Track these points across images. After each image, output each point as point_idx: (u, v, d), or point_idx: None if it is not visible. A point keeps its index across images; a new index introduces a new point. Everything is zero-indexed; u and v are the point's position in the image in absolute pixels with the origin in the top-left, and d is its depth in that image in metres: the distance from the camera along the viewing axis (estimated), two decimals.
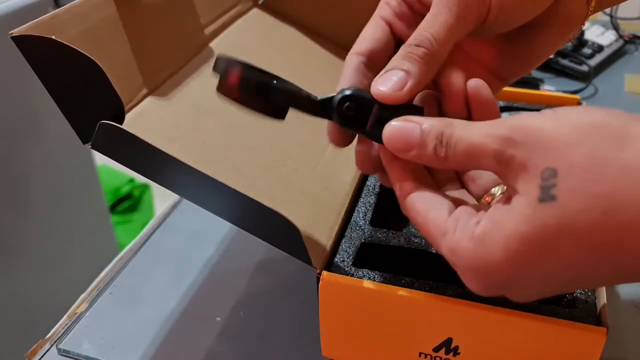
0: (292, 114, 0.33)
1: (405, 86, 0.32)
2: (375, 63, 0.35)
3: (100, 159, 1.19)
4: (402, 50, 0.33)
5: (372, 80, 0.33)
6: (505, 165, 0.27)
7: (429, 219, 0.30)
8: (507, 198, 0.28)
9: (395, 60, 0.33)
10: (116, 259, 0.54)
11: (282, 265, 0.51)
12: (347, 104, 0.32)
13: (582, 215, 0.24)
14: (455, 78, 0.34)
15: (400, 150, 0.31)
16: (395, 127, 0.31)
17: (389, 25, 0.36)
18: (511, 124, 0.27)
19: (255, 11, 0.57)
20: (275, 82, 0.32)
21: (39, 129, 0.92)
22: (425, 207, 0.31)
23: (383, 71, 0.33)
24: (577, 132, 0.25)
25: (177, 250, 0.55)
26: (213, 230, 0.56)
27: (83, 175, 1.05)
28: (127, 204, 1.51)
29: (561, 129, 0.26)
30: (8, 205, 0.88)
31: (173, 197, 0.62)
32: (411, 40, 0.33)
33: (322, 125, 0.35)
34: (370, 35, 0.36)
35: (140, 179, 1.56)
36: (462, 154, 0.29)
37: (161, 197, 1.57)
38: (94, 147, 0.36)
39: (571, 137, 0.25)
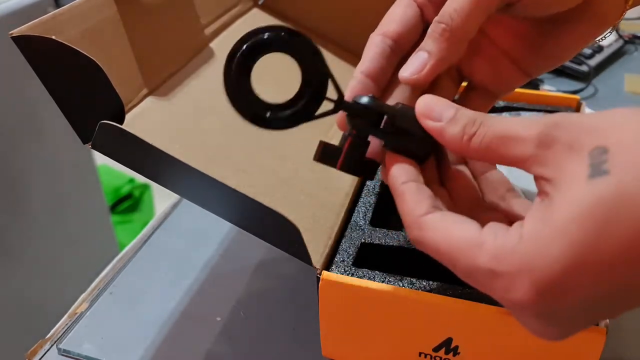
0: None
1: (425, 67, 0.31)
2: (400, 46, 0.34)
3: (100, 159, 1.19)
4: (428, 30, 0.32)
5: (394, 66, 0.32)
6: (546, 147, 0.25)
7: (454, 235, 0.27)
8: (544, 194, 0.26)
9: (422, 43, 0.32)
10: (116, 259, 0.54)
11: (282, 266, 0.51)
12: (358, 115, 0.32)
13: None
14: (479, 70, 0.33)
15: (429, 117, 0.29)
16: (432, 97, 0.30)
17: (420, 8, 0.34)
18: (550, 116, 0.26)
19: (255, 11, 0.57)
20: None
21: (39, 129, 0.92)
22: (448, 224, 0.28)
23: (412, 56, 0.32)
24: (621, 114, 0.24)
25: (177, 250, 0.55)
26: (213, 230, 0.56)
27: (83, 175, 1.05)
28: (127, 204, 1.51)
29: (604, 114, 0.25)
30: (8, 206, 0.88)
31: (173, 197, 0.62)
32: (435, 18, 0.31)
33: (322, 126, 0.35)
34: (400, 17, 0.34)
35: (140, 179, 1.56)
36: (493, 138, 0.27)
37: (161, 197, 1.57)
38: (94, 147, 0.36)
39: (616, 119, 0.24)
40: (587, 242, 0.23)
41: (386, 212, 0.45)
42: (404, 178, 0.30)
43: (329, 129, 0.48)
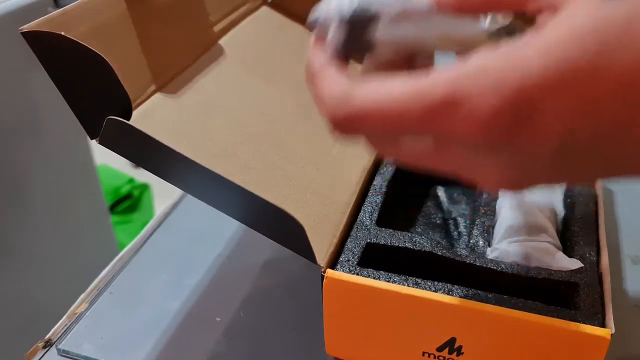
0: (300, 111, 0.33)
1: None
2: None
3: (100, 159, 1.19)
4: None
5: None
6: None
7: (395, 84, 0.22)
8: (540, 25, 0.21)
9: None
10: (116, 259, 0.54)
11: (282, 266, 0.51)
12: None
13: None
14: None
15: None
16: None
17: None
18: None
19: (264, 9, 0.57)
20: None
21: (39, 129, 0.92)
22: (384, 82, 0.23)
23: None
24: None
25: (177, 250, 0.55)
26: (213, 231, 0.56)
27: (83, 175, 1.04)
28: (127, 204, 1.51)
29: None
30: (8, 205, 0.88)
31: (173, 197, 0.61)
32: None
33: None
34: None
35: (140, 178, 1.56)
36: None
37: (161, 197, 1.57)
38: (101, 143, 0.36)
39: None
40: (583, 64, 0.19)
41: (392, 212, 0.44)
42: (322, 60, 0.26)
43: None
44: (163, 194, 1.42)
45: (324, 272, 0.36)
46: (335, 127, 0.24)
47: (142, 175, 1.56)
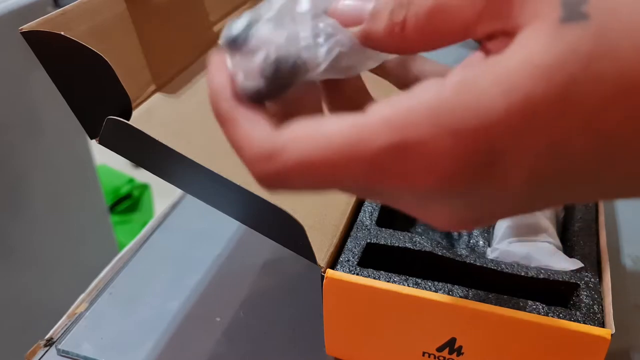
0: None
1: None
2: None
3: (100, 159, 1.19)
4: None
5: None
6: None
7: (327, 130, 0.19)
8: (487, 53, 0.19)
9: None
10: (116, 259, 0.54)
11: (282, 266, 0.51)
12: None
13: (628, 38, 0.16)
14: None
15: (349, 22, 0.22)
16: (347, 4, 0.22)
17: None
18: None
19: None
20: None
21: (39, 129, 0.92)
22: (313, 125, 0.19)
23: None
24: None
25: (177, 250, 0.55)
26: (212, 231, 0.56)
27: (83, 175, 1.04)
28: (127, 204, 1.51)
29: None
30: (8, 206, 0.88)
31: (173, 197, 0.61)
32: None
33: None
34: None
35: (140, 179, 1.56)
36: (428, 11, 0.20)
37: (160, 198, 1.57)
38: (101, 143, 0.36)
39: None
40: (550, 102, 0.17)
41: (392, 212, 0.44)
42: (232, 102, 0.22)
43: None
44: (163, 194, 1.42)
45: (324, 272, 0.36)
46: (260, 183, 0.21)
47: (142, 175, 1.56)
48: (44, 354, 0.45)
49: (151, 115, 0.39)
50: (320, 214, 0.40)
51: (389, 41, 0.21)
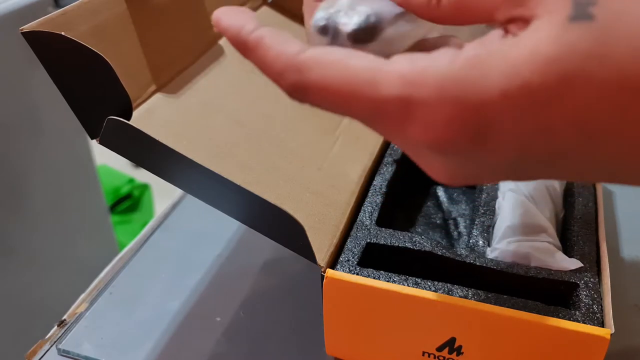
0: (300, 111, 0.33)
1: None
2: None
3: (100, 159, 1.19)
4: None
5: None
6: None
7: (350, 64, 0.21)
8: (506, 32, 0.21)
9: None
10: (116, 259, 0.54)
11: (282, 266, 0.51)
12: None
13: (626, 44, 0.18)
14: None
15: None
16: None
17: None
18: None
19: (264, 9, 0.57)
20: None
21: (39, 129, 0.92)
22: (340, 56, 0.22)
23: None
24: None
25: (177, 250, 0.55)
26: (213, 231, 0.56)
27: (83, 175, 1.04)
28: (127, 204, 1.51)
29: None
30: (8, 205, 0.88)
31: (173, 197, 0.61)
32: None
33: (329, 123, 0.35)
34: None
35: (140, 179, 1.56)
36: None
37: (161, 198, 1.57)
38: (101, 143, 0.36)
39: None
40: (542, 92, 0.19)
41: (392, 212, 0.44)
42: (251, 26, 0.24)
43: (337, 127, 0.47)
44: (163, 194, 1.42)
45: (324, 272, 0.36)
46: (288, 94, 0.23)
47: (142, 175, 1.56)
48: (45, 354, 0.45)
49: (152, 116, 0.39)
50: (320, 214, 0.40)
51: (426, 10, 0.23)
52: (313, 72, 0.22)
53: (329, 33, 0.25)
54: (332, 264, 0.37)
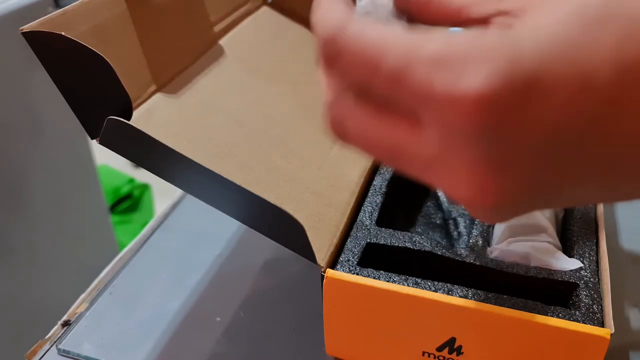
0: (300, 111, 0.33)
1: None
2: None
3: (100, 159, 1.19)
4: None
5: None
6: None
7: (389, 29, 0.20)
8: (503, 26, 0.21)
9: None
10: (116, 259, 0.54)
11: (282, 266, 0.51)
12: None
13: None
14: None
15: None
16: None
17: None
18: None
19: (264, 9, 0.57)
20: None
21: (39, 129, 0.92)
22: (383, 25, 0.21)
23: None
24: None
25: (177, 250, 0.55)
26: (213, 231, 0.56)
27: (83, 175, 1.04)
28: (127, 204, 1.51)
29: None
30: (8, 205, 0.88)
31: (173, 197, 0.61)
32: None
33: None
34: None
35: (140, 178, 1.56)
36: None
37: (161, 197, 1.57)
38: (102, 143, 0.36)
39: None
40: (573, 43, 0.18)
41: (392, 212, 0.44)
42: None
43: None
44: (163, 194, 1.42)
45: (324, 272, 0.36)
46: (322, 51, 0.22)
47: (142, 175, 1.56)
48: (45, 354, 0.45)
49: (152, 116, 0.39)
50: (320, 214, 0.40)
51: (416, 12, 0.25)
52: (353, 29, 0.21)
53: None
54: (332, 264, 0.37)
